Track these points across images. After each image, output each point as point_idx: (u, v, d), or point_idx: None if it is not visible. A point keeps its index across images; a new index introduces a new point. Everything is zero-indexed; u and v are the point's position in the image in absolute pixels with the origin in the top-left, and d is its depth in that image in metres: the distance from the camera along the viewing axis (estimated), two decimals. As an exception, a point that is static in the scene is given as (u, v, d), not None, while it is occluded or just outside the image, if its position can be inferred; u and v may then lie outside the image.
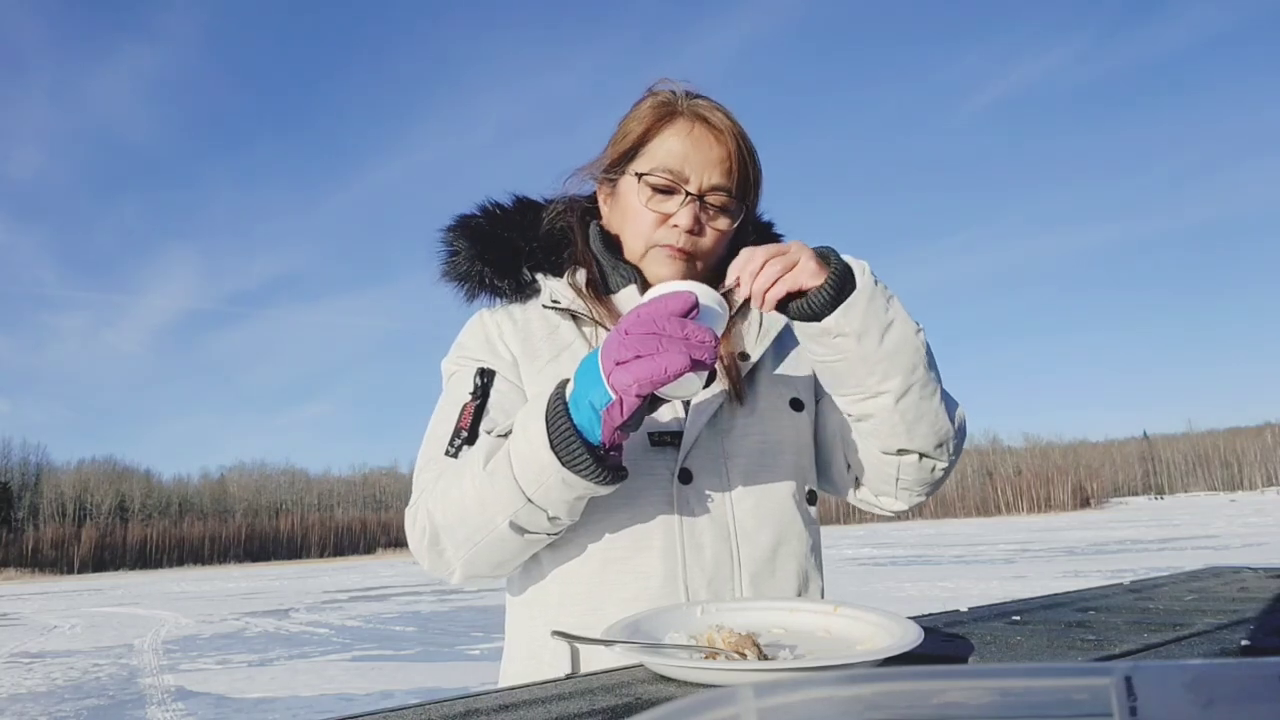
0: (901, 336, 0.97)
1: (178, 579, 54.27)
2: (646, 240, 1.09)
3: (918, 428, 1.01)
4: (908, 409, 0.99)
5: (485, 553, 0.97)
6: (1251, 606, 0.96)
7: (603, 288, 1.14)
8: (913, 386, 0.98)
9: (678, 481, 1.03)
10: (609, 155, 1.15)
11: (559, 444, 0.86)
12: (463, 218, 1.18)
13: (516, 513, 0.92)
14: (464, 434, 1.03)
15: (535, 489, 0.90)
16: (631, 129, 1.11)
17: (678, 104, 1.10)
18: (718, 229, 1.10)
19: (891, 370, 0.97)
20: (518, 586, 1.11)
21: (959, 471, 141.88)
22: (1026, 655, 0.75)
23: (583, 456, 0.86)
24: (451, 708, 0.62)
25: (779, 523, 1.07)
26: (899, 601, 12.83)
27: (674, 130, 1.09)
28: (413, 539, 1.01)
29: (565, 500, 0.91)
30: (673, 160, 1.07)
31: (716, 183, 1.07)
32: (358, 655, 10.40)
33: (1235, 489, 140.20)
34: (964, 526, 67.22)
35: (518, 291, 1.15)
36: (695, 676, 0.68)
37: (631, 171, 1.10)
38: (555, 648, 0.99)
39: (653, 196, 1.08)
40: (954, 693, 0.30)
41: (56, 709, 7.75)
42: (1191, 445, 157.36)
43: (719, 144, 1.08)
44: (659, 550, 1.01)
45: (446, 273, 1.17)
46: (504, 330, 1.13)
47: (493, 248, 1.15)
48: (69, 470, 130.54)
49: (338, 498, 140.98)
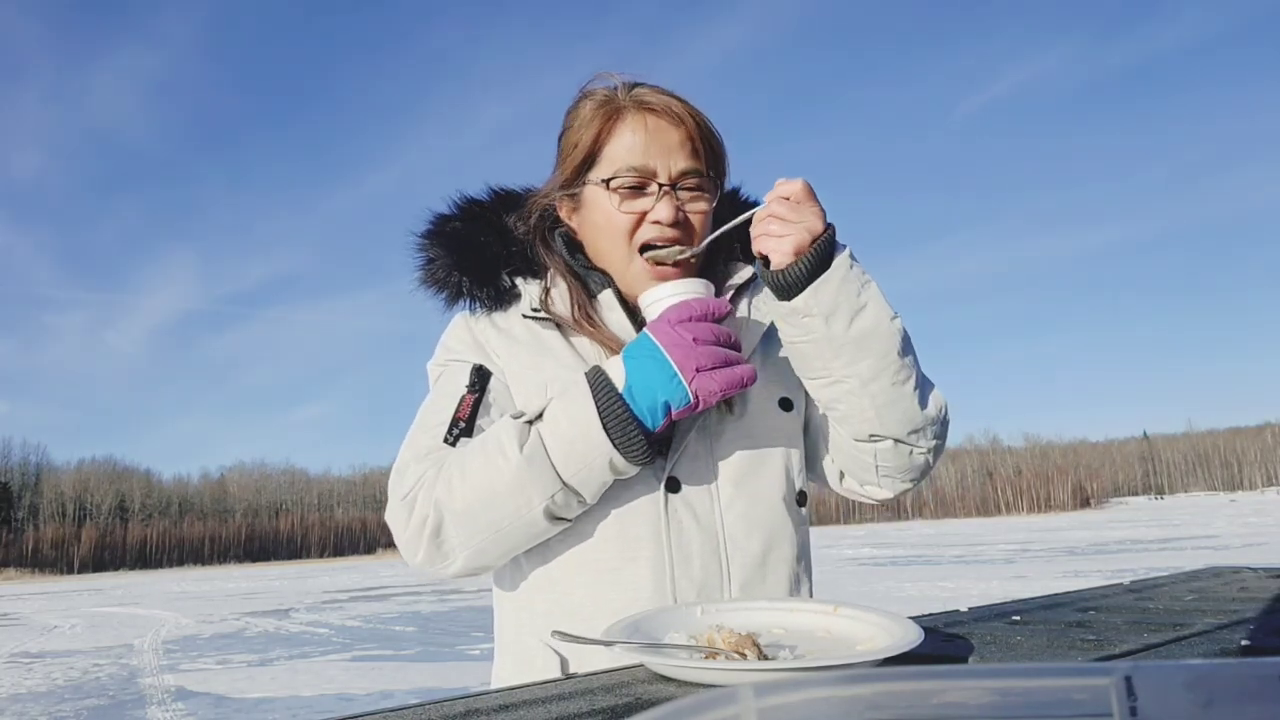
0: (873, 322, 0.97)
1: (178, 579, 54.26)
2: (628, 244, 1.06)
3: (889, 413, 1.01)
4: (877, 394, 0.99)
5: (502, 539, 0.96)
6: (1251, 606, 0.96)
7: (582, 293, 1.11)
8: (882, 373, 0.98)
9: (665, 490, 1.02)
10: (563, 171, 1.11)
11: (612, 426, 0.92)
12: (440, 218, 1.16)
13: (553, 496, 0.94)
14: (462, 424, 1.02)
15: (576, 471, 0.93)
16: (581, 137, 1.08)
17: (619, 99, 1.07)
18: (698, 211, 1.07)
19: (859, 355, 0.97)
20: (507, 596, 1.10)
21: (959, 471, 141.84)
22: (1026, 655, 0.75)
23: (639, 440, 0.92)
24: (451, 708, 0.62)
25: (769, 528, 1.06)
26: (899, 601, 12.83)
27: (626, 126, 1.06)
28: (408, 530, 0.98)
29: (602, 482, 0.95)
30: (634, 157, 1.04)
31: (684, 167, 1.05)
32: (358, 655, 10.40)
33: (1235, 489, 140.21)
34: (964, 526, 67.22)
35: (497, 299, 1.13)
36: (695, 676, 0.68)
37: (594, 181, 1.07)
38: (547, 657, 0.99)
39: (624, 199, 1.05)
40: (954, 693, 0.30)
41: (56, 709, 7.75)
42: (1191, 445, 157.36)
43: (675, 128, 1.05)
44: (647, 561, 1.00)
45: (424, 280, 1.15)
46: (489, 336, 1.12)
47: (470, 254, 1.13)
48: (69, 470, 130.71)
49: (338, 498, 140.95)
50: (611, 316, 1.09)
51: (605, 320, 1.09)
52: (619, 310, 1.08)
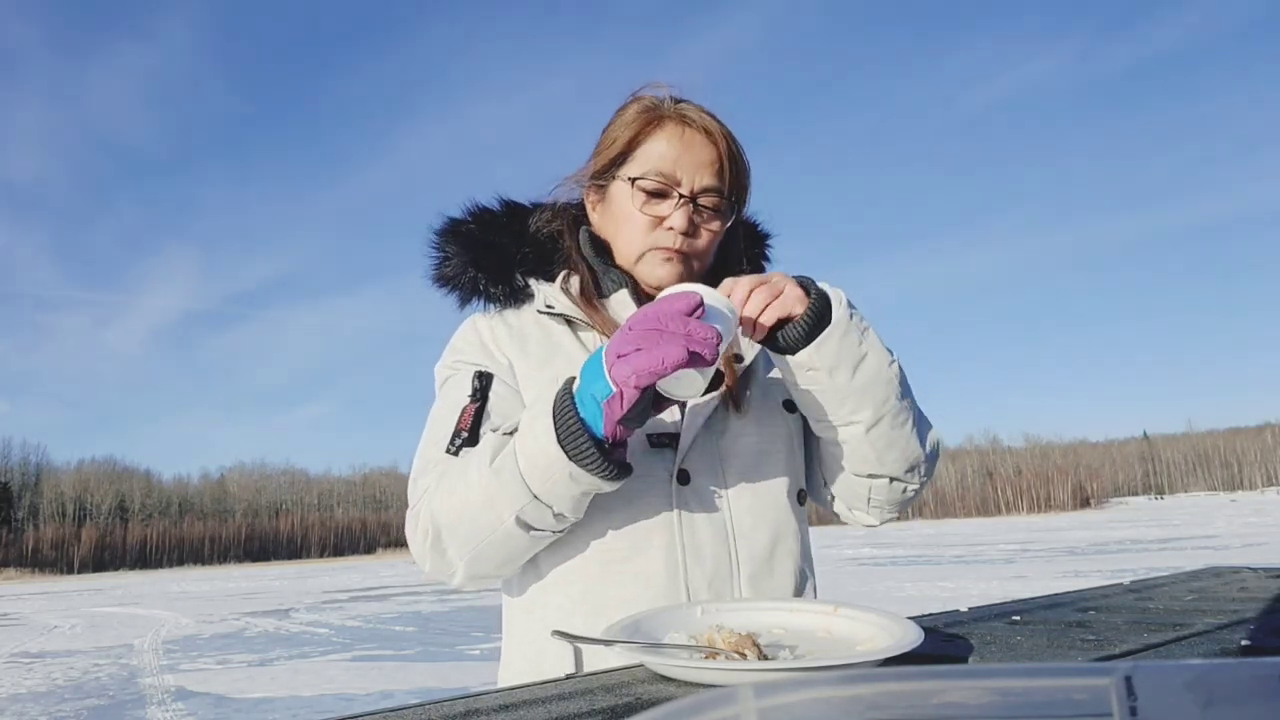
0: (874, 370, 0.98)
1: (178, 579, 54.26)
2: (641, 244, 1.09)
3: (888, 454, 1.03)
4: (878, 438, 1.01)
5: (490, 551, 0.97)
6: (1251, 606, 0.96)
7: (595, 293, 1.13)
8: (884, 417, 1.00)
9: (676, 483, 1.04)
10: (597, 161, 1.15)
11: (566, 438, 0.87)
12: (453, 221, 1.18)
13: (523, 509, 0.92)
14: (464, 435, 1.03)
15: (542, 484, 0.90)
16: (619, 134, 1.11)
17: (664, 108, 1.10)
18: (711, 230, 1.10)
19: (863, 403, 0.98)
20: (516, 590, 1.11)
21: (959, 471, 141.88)
22: (1026, 655, 0.75)
23: (590, 450, 0.86)
24: (451, 708, 0.62)
25: (775, 522, 1.07)
26: (899, 601, 12.84)
27: (663, 134, 1.09)
28: (414, 542, 1.01)
29: (571, 496, 0.91)
30: (664, 164, 1.07)
31: (708, 184, 1.08)
32: (358, 655, 10.40)
33: (1235, 489, 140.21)
34: (964, 526, 67.20)
35: (511, 297, 1.15)
36: (695, 676, 0.68)
37: (622, 176, 1.10)
38: (557, 651, 0.99)
39: (646, 200, 1.08)
40: (954, 693, 0.30)
41: (56, 709, 7.75)
42: (1191, 445, 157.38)
43: (709, 146, 1.08)
44: (660, 551, 1.01)
45: (438, 278, 1.16)
46: (498, 335, 1.13)
47: (485, 254, 1.15)
48: (69, 470, 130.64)
49: (338, 498, 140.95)
50: (626, 310, 1.09)
51: (619, 318, 1.09)
52: (632, 308, 1.09)
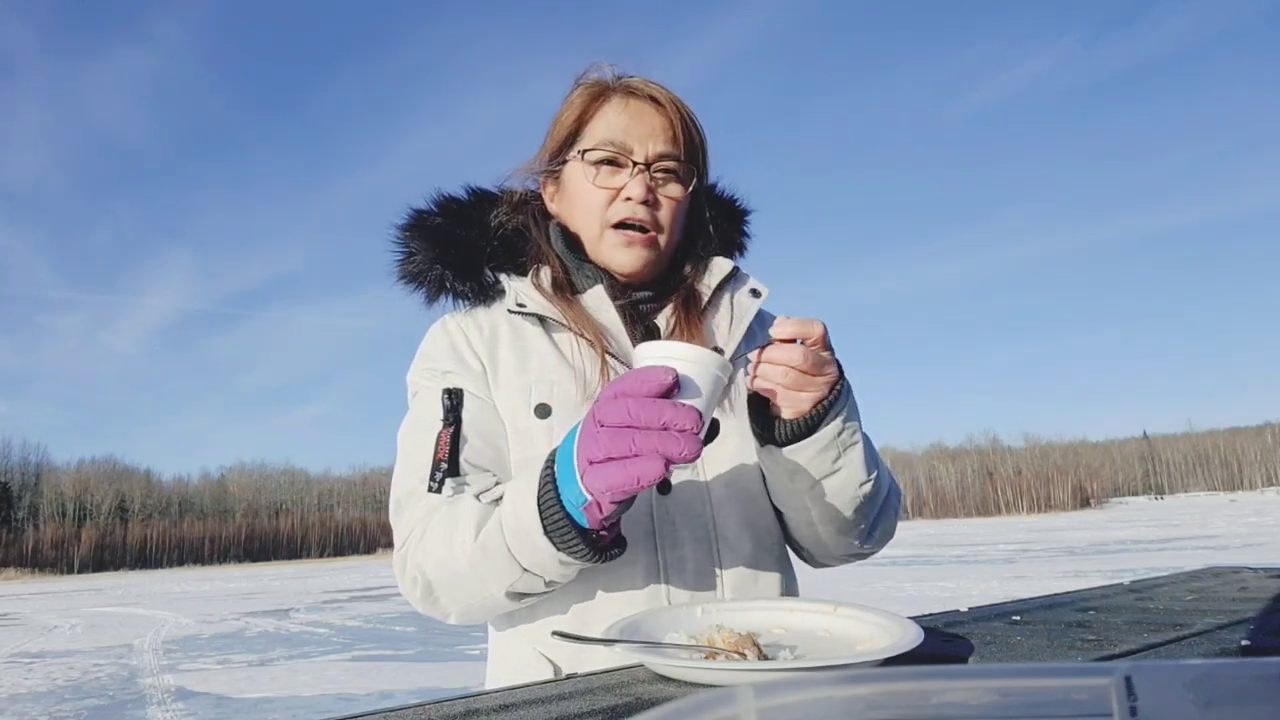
0: (839, 487, 0.95)
1: (178, 579, 54.25)
2: (601, 219, 1.07)
3: (834, 544, 1.04)
4: (824, 534, 1.02)
5: (483, 610, 0.97)
6: (1251, 606, 0.96)
7: (568, 288, 1.10)
8: (834, 520, 0.99)
9: (656, 492, 1.02)
10: (548, 148, 1.13)
11: (553, 529, 0.83)
12: (418, 213, 1.14)
13: (514, 583, 0.90)
14: (444, 466, 0.99)
15: (531, 561, 0.87)
16: (566, 116, 1.10)
17: (609, 83, 1.10)
18: (671, 197, 1.08)
19: (813, 503, 0.98)
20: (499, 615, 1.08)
21: (959, 471, 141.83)
22: (1026, 655, 0.75)
23: (577, 544, 0.83)
24: (451, 708, 0.62)
25: (758, 527, 1.06)
26: (899, 601, 12.82)
27: (610, 107, 1.08)
28: (404, 586, 0.99)
29: (563, 574, 0.89)
30: (614, 134, 1.06)
31: (662, 150, 1.07)
32: (358, 655, 10.40)
33: (1235, 489, 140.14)
34: (964, 526, 67.22)
35: (480, 294, 1.12)
36: (695, 676, 0.68)
37: (573, 156, 1.09)
38: (540, 665, 0.98)
39: (599, 173, 1.07)
40: (954, 693, 0.30)
41: (56, 709, 7.75)
42: (1191, 445, 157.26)
43: (658, 113, 1.08)
44: (641, 565, 1.00)
45: (403, 275, 1.13)
46: (470, 338, 1.09)
47: (452, 249, 1.12)
48: (69, 470, 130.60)
49: (338, 498, 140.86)
50: (601, 307, 1.08)
51: (594, 315, 1.08)
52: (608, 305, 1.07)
